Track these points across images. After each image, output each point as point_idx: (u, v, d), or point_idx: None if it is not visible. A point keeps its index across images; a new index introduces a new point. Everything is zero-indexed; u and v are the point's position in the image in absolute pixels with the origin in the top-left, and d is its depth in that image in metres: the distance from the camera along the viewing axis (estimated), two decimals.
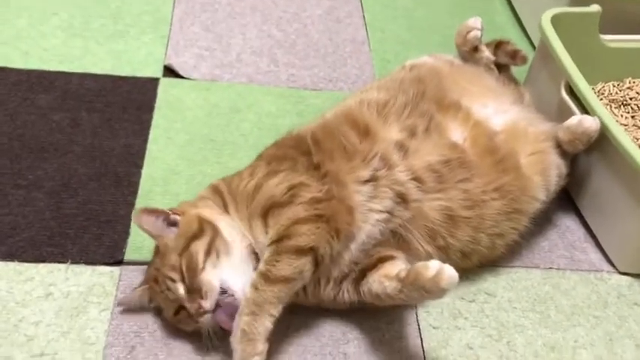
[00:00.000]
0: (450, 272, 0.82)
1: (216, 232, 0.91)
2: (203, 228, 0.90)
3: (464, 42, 1.27)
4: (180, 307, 0.89)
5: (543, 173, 1.07)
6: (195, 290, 0.87)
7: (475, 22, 1.26)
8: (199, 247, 0.88)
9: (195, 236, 0.89)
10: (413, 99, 1.06)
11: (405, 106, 1.04)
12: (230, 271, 0.89)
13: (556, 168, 1.10)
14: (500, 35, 1.59)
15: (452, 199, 0.97)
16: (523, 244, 1.12)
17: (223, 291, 0.87)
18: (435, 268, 0.83)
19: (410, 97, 1.06)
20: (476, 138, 1.04)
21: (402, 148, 0.98)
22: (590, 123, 1.09)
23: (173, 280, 0.88)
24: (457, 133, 1.04)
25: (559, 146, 1.12)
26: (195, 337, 0.92)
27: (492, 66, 1.28)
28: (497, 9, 1.72)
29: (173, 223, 0.92)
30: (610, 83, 1.41)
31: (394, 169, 0.96)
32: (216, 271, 0.88)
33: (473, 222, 0.98)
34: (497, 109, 1.12)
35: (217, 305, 0.87)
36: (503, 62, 1.30)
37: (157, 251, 0.92)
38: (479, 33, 1.26)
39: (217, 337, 0.88)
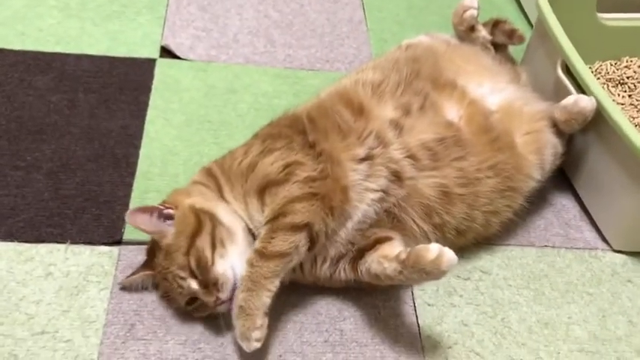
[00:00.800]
0: (449, 255, 0.84)
1: (214, 220, 0.91)
2: (201, 220, 0.91)
3: (460, 21, 1.27)
4: (193, 298, 0.90)
5: (538, 152, 1.08)
6: (210, 284, 0.88)
7: (471, 1, 1.26)
8: (204, 242, 0.89)
9: (196, 232, 0.90)
10: (407, 78, 1.06)
11: (398, 85, 1.05)
12: (239, 257, 0.90)
13: (552, 147, 1.11)
14: (498, 14, 1.59)
15: (447, 177, 0.98)
16: (519, 223, 1.13)
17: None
18: (436, 250, 0.84)
19: (404, 76, 1.06)
20: (471, 116, 1.05)
21: (396, 126, 0.99)
22: (585, 103, 1.09)
23: (184, 278, 0.89)
24: (452, 111, 1.05)
25: (555, 126, 1.12)
26: (194, 317, 0.93)
27: (489, 45, 1.28)
28: None
29: (168, 217, 0.93)
30: (607, 62, 1.41)
31: (389, 147, 0.96)
32: (227, 261, 0.89)
33: (467, 199, 0.99)
34: (493, 89, 1.12)
35: (232, 291, 0.88)
36: (501, 41, 1.30)
37: (157, 245, 0.92)
38: (475, 12, 1.26)
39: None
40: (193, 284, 0.88)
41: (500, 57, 1.29)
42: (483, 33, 1.28)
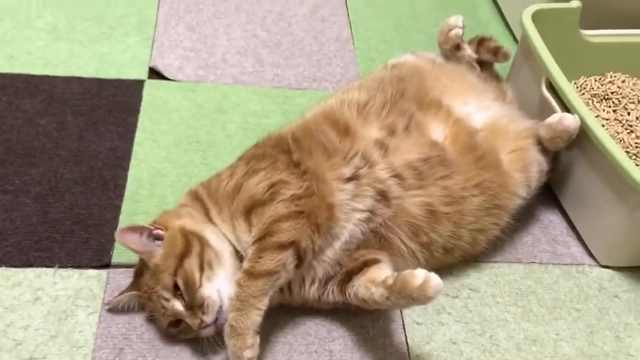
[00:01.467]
0: (436, 281, 0.84)
1: (203, 242, 0.92)
2: (189, 242, 0.91)
3: (446, 40, 1.28)
4: (178, 321, 0.90)
5: (524, 170, 1.09)
6: (195, 306, 0.88)
7: (456, 20, 1.28)
8: (192, 264, 0.89)
9: (185, 254, 0.90)
10: (392, 98, 1.07)
11: (383, 106, 1.06)
12: (225, 280, 0.90)
13: (537, 165, 1.12)
14: (484, 31, 1.61)
15: (432, 195, 0.99)
16: (506, 239, 1.14)
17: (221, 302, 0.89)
18: (422, 276, 0.84)
19: (389, 97, 1.07)
20: (456, 136, 1.06)
21: (382, 146, 1.00)
22: (570, 121, 1.10)
23: (168, 300, 0.89)
24: (438, 131, 1.06)
25: (540, 143, 1.14)
26: (183, 340, 0.93)
27: (474, 64, 1.30)
28: (480, 5, 1.73)
29: (157, 237, 0.93)
30: (592, 78, 1.42)
31: (375, 167, 0.97)
32: (214, 284, 0.90)
33: (453, 217, 1.00)
34: (478, 107, 1.13)
35: (218, 314, 0.88)
36: (486, 59, 1.31)
37: (145, 266, 0.92)
38: (460, 31, 1.27)
39: (218, 342, 0.90)
40: (178, 305, 0.89)
41: (486, 75, 1.31)
42: (469, 52, 1.29)
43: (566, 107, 1.16)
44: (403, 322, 1.01)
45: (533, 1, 1.47)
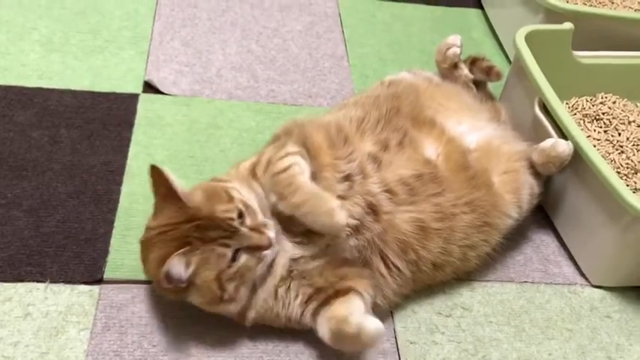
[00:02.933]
0: (372, 327, 0.88)
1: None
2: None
3: (444, 59, 1.30)
4: (234, 257, 0.87)
5: (515, 192, 1.10)
6: (259, 225, 0.89)
7: (454, 39, 1.29)
8: (244, 191, 0.93)
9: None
10: (386, 114, 1.08)
11: (378, 121, 1.07)
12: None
13: (529, 187, 1.13)
14: (477, 50, 1.63)
15: (423, 212, 0.99)
16: (498, 259, 1.14)
17: None
18: (354, 327, 0.88)
19: (383, 113, 1.08)
20: (449, 154, 1.07)
21: (375, 160, 1.01)
22: (563, 148, 1.11)
23: (235, 230, 0.87)
24: (431, 148, 1.06)
25: (532, 167, 1.15)
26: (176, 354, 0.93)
27: (471, 84, 1.31)
28: (474, 24, 1.75)
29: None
30: (583, 98, 1.44)
31: (368, 180, 0.98)
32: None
33: (443, 233, 1.01)
34: (472, 127, 1.14)
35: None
36: (478, 78, 1.33)
37: (186, 221, 0.87)
38: (458, 50, 1.29)
39: None
40: (245, 229, 0.88)
41: (481, 95, 1.32)
42: (466, 71, 1.31)
43: (558, 128, 1.18)
44: (397, 340, 1.01)
45: (526, 22, 1.49)
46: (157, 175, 0.91)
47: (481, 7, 1.80)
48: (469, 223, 1.03)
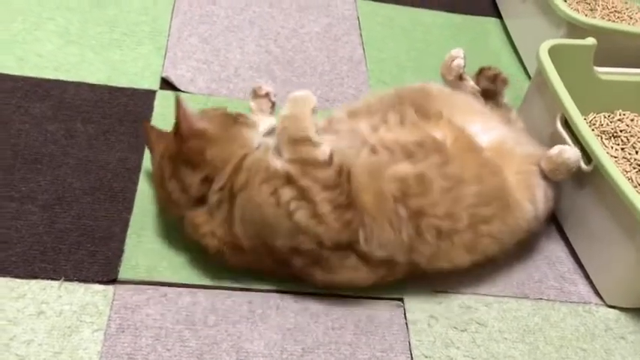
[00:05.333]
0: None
1: None
2: None
3: (449, 70, 1.30)
4: None
5: (529, 189, 1.10)
6: None
7: (458, 52, 1.30)
8: None
9: None
10: (388, 103, 1.12)
11: (377, 109, 1.11)
12: None
13: (542, 189, 1.13)
14: (494, 60, 1.63)
15: (424, 169, 0.99)
16: (514, 273, 1.14)
17: None
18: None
19: (385, 103, 1.12)
20: (457, 138, 1.06)
21: (373, 128, 1.04)
22: (569, 154, 1.12)
23: None
24: (438, 133, 1.07)
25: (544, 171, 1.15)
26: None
27: (478, 95, 1.31)
28: (492, 33, 1.74)
29: None
30: (601, 114, 1.43)
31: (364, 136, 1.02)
32: None
33: (449, 194, 0.98)
34: (484, 127, 1.14)
35: None
36: (485, 87, 1.32)
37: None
38: (462, 61, 1.29)
39: None
40: None
41: (493, 104, 1.31)
42: (471, 83, 1.31)
43: (579, 144, 1.17)
44: (412, 354, 1.00)
45: (546, 34, 1.48)
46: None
47: (500, 16, 1.79)
48: (478, 193, 1.01)
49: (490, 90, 1.31)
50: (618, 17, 1.78)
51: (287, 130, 0.96)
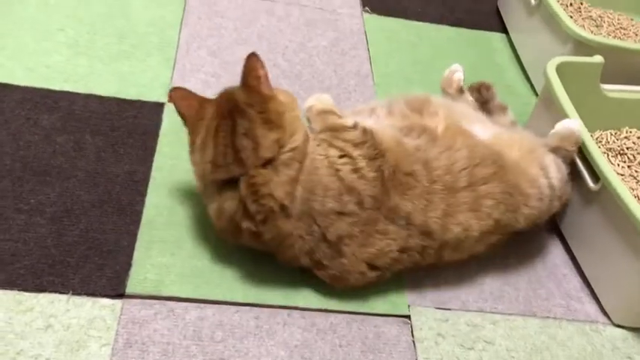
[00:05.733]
0: None
1: None
2: None
3: (449, 83, 1.35)
4: None
5: (536, 159, 1.13)
6: None
7: (457, 66, 1.36)
8: None
9: None
10: (387, 102, 1.18)
11: (376, 107, 1.17)
12: None
13: (551, 158, 1.15)
14: (500, 75, 1.65)
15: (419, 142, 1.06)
16: (520, 291, 1.14)
17: None
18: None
19: (383, 103, 1.18)
20: (449, 127, 1.11)
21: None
22: (574, 124, 1.18)
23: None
24: (430, 122, 1.12)
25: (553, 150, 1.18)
26: None
27: (477, 107, 1.35)
28: (498, 48, 1.75)
29: None
30: (608, 132, 1.44)
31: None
32: None
33: (444, 155, 1.04)
34: (483, 128, 1.17)
35: None
36: (475, 99, 1.37)
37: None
38: (461, 75, 1.34)
39: None
40: None
41: (490, 113, 1.35)
42: (470, 98, 1.36)
43: (586, 161, 1.17)
44: None
45: (553, 51, 1.49)
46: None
47: (505, 31, 1.80)
48: (471, 156, 1.05)
49: (481, 100, 1.36)
50: (624, 34, 1.79)
51: (314, 106, 1.08)
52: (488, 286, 1.15)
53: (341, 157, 0.98)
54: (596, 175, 1.14)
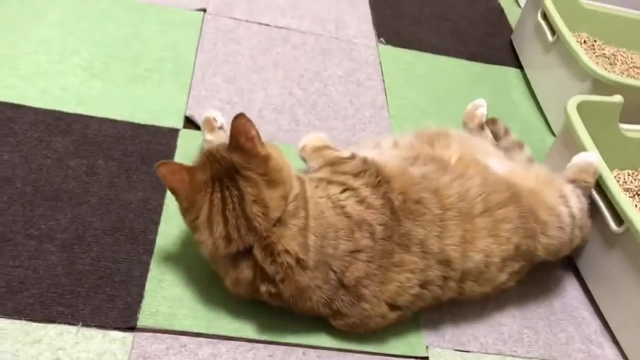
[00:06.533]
0: None
1: None
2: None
3: (472, 117, 1.34)
4: None
5: (554, 188, 1.13)
6: None
7: (481, 101, 1.36)
8: None
9: None
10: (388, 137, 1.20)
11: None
12: None
13: (575, 195, 1.14)
14: (515, 110, 1.64)
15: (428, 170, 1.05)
16: (540, 334, 1.11)
17: None
18: None
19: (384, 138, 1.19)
20: (462, 157, 1.10)
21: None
22: (592, 157, 1.18)
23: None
24: (444, 154, 1.11)
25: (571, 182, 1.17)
26: None
27: (496, 144, 1.34)
28: (513, 84, 1.74)
29: None
30: (625, 171, 1.42)
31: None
32: None
33: (456, 183, 1.03)
34: (499, 161, 1.17)
35: None
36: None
37: None
38: (485, 110, 1.34)
39: None
40: None
41: (511, 154, 1.33)
42: (491, 135, 1.35)
43: (608, 201, 1.15)
44: None
45: (570, 88, 1.48)
46: None
47: (520, 66, 1.79)
48: (484, 183, 1.04)
49: (493, 134, 1.36)
50: (638, 73, 1.78)
51: (308, 145, 1.12)
52: (508, 327, 1.12)
53: (342, 191, 0.97)
54: (618, 218, 1.12)
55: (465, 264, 0.99)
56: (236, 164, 0.92)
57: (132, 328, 0.96)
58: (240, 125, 0.94)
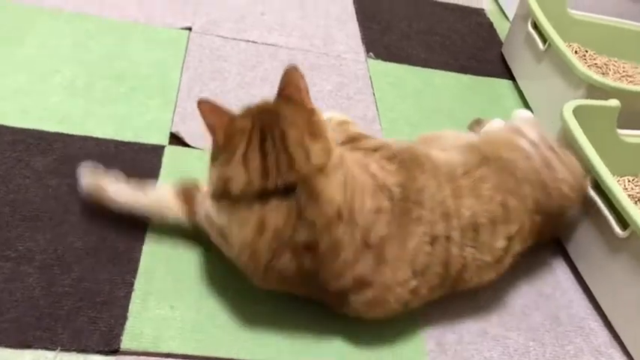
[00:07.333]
0: None
1: None
2: None
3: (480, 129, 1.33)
4: None
5: (508, 129, 1.20)
6: None
7: (499, 122, 1.37)
8: None
9: None
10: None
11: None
12: None
13: (524, 123, 1.21)
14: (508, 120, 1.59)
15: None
16: (547, 346, 1.05)
17: None
18: None
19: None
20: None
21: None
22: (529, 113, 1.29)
23: None
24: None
25: None
26: None
27: None
28: (503, 95, 1.71)
29: None
30: (625, 178, 1.39)
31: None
32: None
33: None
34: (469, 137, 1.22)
35: None
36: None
37: None
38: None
39: None
40: None
41: None
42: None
43: (611, 206, 1.11)
44: None
45: (565, 96, 1.45)
46: None
47: (511, 78, 1.77)
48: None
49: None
50: (630, 81, 1.76)
51: (334, 117, 1.22)
52: (513, 341, 1.06)
53: (365, 157, 1.04)
54: (622, 221, 1.08)
55: (460, 220, 1.00)
56: (281, 113, 0.92)
57: (115, 351, 0.91)
58: (292, 75, 0.94)
